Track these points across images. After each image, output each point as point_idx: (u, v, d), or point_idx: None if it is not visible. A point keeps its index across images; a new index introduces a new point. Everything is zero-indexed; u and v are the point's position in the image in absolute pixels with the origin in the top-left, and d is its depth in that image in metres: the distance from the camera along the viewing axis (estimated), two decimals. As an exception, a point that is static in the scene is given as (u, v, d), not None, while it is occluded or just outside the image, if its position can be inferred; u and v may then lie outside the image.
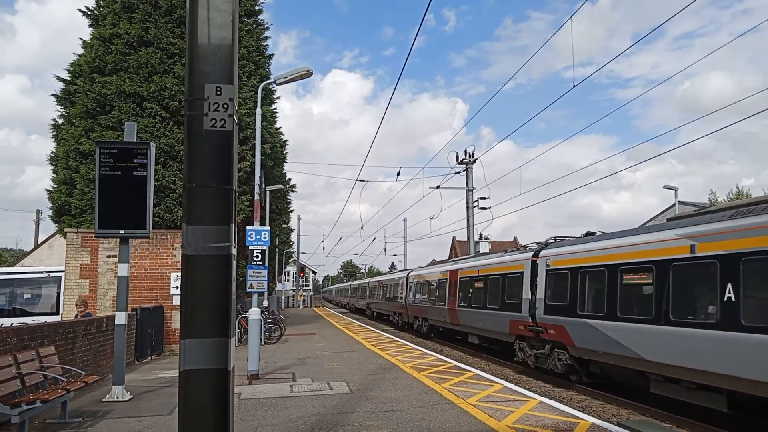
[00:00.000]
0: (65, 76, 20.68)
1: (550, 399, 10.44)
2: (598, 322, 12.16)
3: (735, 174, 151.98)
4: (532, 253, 15.93)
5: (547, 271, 14.72)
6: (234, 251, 3.55)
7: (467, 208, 30.10)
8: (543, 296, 14.64)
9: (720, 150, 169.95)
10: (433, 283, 26.04)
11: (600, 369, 12.93)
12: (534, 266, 15.49)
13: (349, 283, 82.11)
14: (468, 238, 30.72)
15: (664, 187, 33.66)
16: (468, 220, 30.10)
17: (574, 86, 16.30)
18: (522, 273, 16.12)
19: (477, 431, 7.52)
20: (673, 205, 35.18)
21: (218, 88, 3.45)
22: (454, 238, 71.87)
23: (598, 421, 8.21)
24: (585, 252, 13.29)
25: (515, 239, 71.06)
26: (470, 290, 20.76)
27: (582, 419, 8.27)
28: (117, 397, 10.02)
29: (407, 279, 32.11)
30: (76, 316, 13.10)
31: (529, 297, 15.40)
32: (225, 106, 3.45)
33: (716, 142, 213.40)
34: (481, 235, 37.76)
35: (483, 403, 9.26)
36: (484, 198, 30.29)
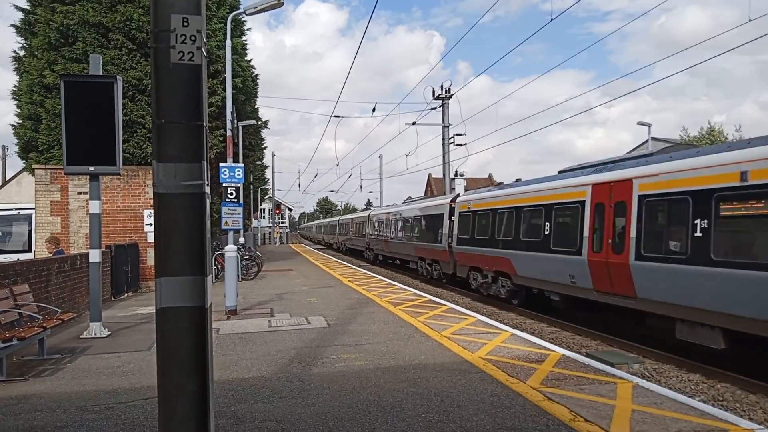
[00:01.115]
0: (24, 5, 19.71)
1: (522, 331, 10.76)
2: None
3: (708, 110, 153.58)
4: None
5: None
6: (207, 189, 3.49)
7: (443, 144, 30.01)
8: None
9: (694, 86, 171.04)
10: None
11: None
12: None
13: (326, 220, 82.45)
14: (444, 174, 30.78)
15: (638, 123, 33.92)
16: (444, 157, 30.07)
17: (552, 19, 16.05)
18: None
19: (451, 362, 7.74)
20: (646, 141, 35.57)
21: (185, 19, 3.30)
22: (429, 175, 72.10)
23: (567, 352, 8.49)
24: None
25: (490, 175, 71.54)
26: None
27: (552, 350, 8.56)
28: (94, 334, 10.07)
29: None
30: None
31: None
32: (192, 38, 3.31)
33: (690, 77, 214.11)
34: (456, 171, 37.82)
35: (457, 336, 9.51)
36: (460, 134, 30.17)
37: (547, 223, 14.20)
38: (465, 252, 19.48)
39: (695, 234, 9.26)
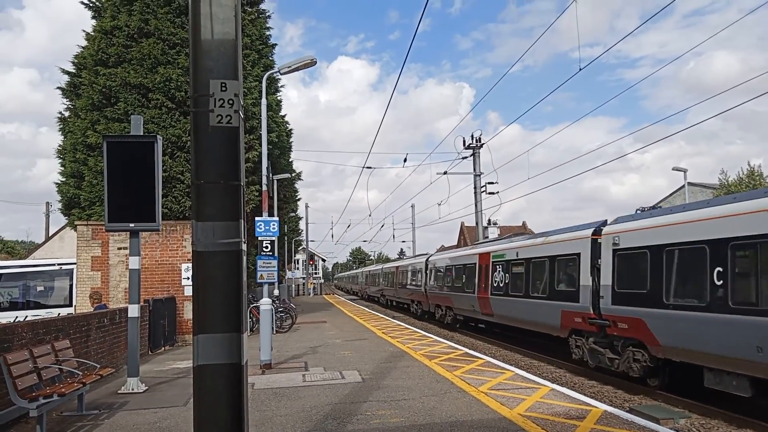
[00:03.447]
0: (70, 68, 20.72)
1: (561, 386, 10.47)
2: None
3: (743, 153, 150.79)
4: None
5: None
6: (244, 246, 3.57)
7: (475, 193, 30.04)
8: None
9: (727, 130, 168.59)
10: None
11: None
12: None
13: (359, 270, 76.51)
14: (476, 223, 30.71)
15: (673, 169, 33.45)
16: (476, 206, 30.06)
17: (580, 69, 16.19)
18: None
19: (489, 419, 7.54)
20: (683, 186, 34.98)
21: (223, 84, 3.44)
22: (462, 224, 71.85)
23: (609, 408, 8.21)
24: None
25: (524, 224, 70.96)
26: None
27: (594, 406, 8.28)
28: (132, 389, 10.13)
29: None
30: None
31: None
32: (230, 101, 3.45)
33: (723, 122, 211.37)
34: (489, 220, 37.66)
35: (495, 391, 9.29)
36: (492, 183, 30.26)
37: None
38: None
39: None
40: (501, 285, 18.70)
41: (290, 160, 31.10)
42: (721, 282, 9.25)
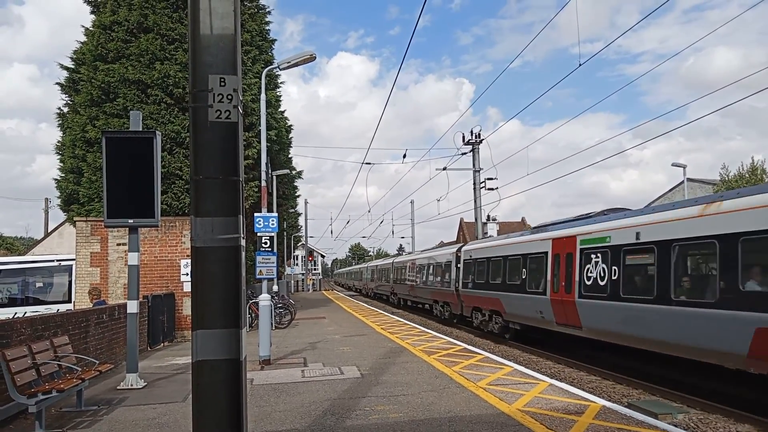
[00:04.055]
0: (69, 64, 20.69)
1: (560, 381, 10.48)
2: None
3: (743, 149, 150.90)
4: None
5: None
6: (243, 242, 3.57)
7: (474, 189, 30.04)
8: None
9: (727, 126, 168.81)
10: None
11: None
12: None
13: (363, 265, 68.04)
14: (476, 219, 30.70)
15: (673, 165, 33.48)
16: (475, 201, 30.05)
17: (580, 65, 16.16)
18: None
19: (488, 415, 7.56)
20: (682, 182, 35.01)
21: (222, 79, 3.44)
22: (461, 220, 71.89)
23: (607, 403, 8.23)
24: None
25: (523, 219, 71.02)
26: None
27: (592, 401, 8.30)
28: (131, 385, 10.13)
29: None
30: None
31: None
32: (229, 97, 3.44)
33: (722, 118, 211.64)
34: (488, 215, 37.67)
35: (493, 386, 9.31)
36: (492, 179, 30.22)
37: None
38: None
39: None
40: (600, 283, 13.15)
41: (290, 156, 31.10)
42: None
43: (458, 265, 23.60)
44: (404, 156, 33.74)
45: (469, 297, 22.11)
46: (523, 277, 17.26)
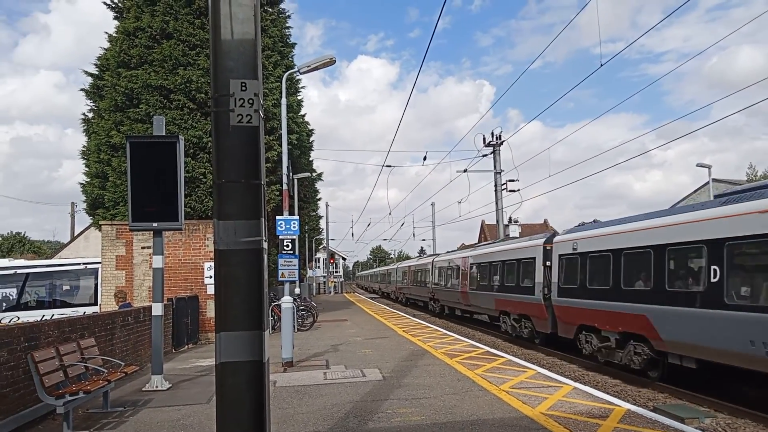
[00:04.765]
0: (93, 70, 21.02)
1: (584, 384, 10.39)
2: None
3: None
4: None
5: None
6: (265, 245, 3.59)
7: (495, 190, 29.92)
8: None
9: (752, 125, 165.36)
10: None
11: None
12: None
13: (393, 266, 58.63)
14: (497, 221, 30.57)
15: (697, 165, 32.94)
16: (497, 203, 29.93)
17: (601, 65, 15.98)
18: None
19: (511, 418, 7.50)
20: (707, 183, 34.45)
21: (243, 84, 3.47)
22: (483, 222, 71.53)
23: (633, 407, 8.12)
24: None
25: (545, 221, 70.48)
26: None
27: (617, 405, 8.19)
28: (156, 387, 10.26)
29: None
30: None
31: None
32: (251, 101, 3.47)
33: (747, 117, 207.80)
34: (510, 217, 37.44)
35: (516, 390, 9.24)
36: (513, 180, 30.13)
37: None
38: None
39: None
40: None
41: (310, 159, 31.22)
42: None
43: (547, 263, 17.19)
44: (425, 158, 33.61)
45: (572, 310, 15.31)
46: (714, 279, 10.28)
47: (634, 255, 12.90)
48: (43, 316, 16.60)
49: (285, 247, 12.92)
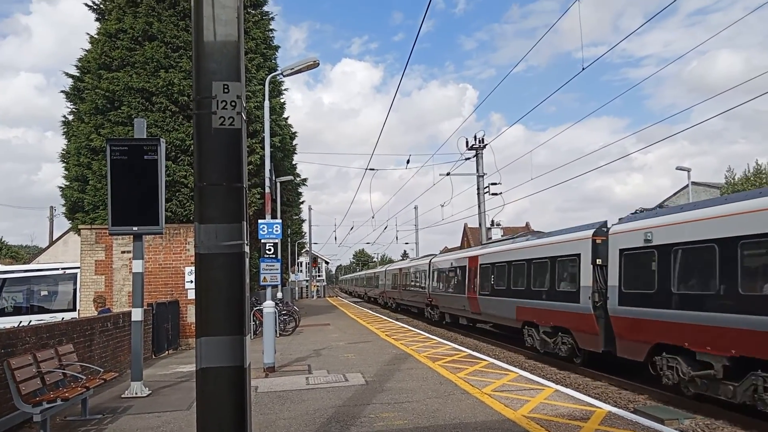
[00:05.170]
0: (74, 72, 20.77)
1: (565, 386, 10.44)
2: None
3: (747, 153, 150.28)
4: None
5: None
6: (246, 248, 3.57)
7: (478, 194, 30.04)
8: None
9: (730, 129, 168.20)
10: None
11: None
12: None
13: (381, 269, 53.41)
14: (480, 224, 30.67)
15: (677, 168, 33.38)
16: (479, 206, 30.05)
17: (583, 69, 16.13)
18: None
19: (493, 421, 7.52)
20: (686, 186, 34.91)
21: (225, 86, 3.45)
22: (465, 225, 71.81)
23: (613, 409, 8.18)
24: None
25: (527, 224, 70.88)
26: None
27: (598, 407, 8.25)
28: (136, 393, 10.12)
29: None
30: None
31: None
32: (233, 103, 3.45)
33: (726, 121, 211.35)
34: (492, 221, 37.64)
35: (498, 393, 9.26)
36: (495, 184, 30.22)
37: None
38: None
39: None
40: None
41: (294, 162, 31.12)
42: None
43: (597, 262, 13.68)
44: (408, 162, 33.74)
45: (645, 323, 11.52)
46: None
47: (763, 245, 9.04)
48: (21, 322, 16.31)
49: (267, 251, 12.85)
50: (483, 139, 30.11)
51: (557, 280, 15.43)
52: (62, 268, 20.41)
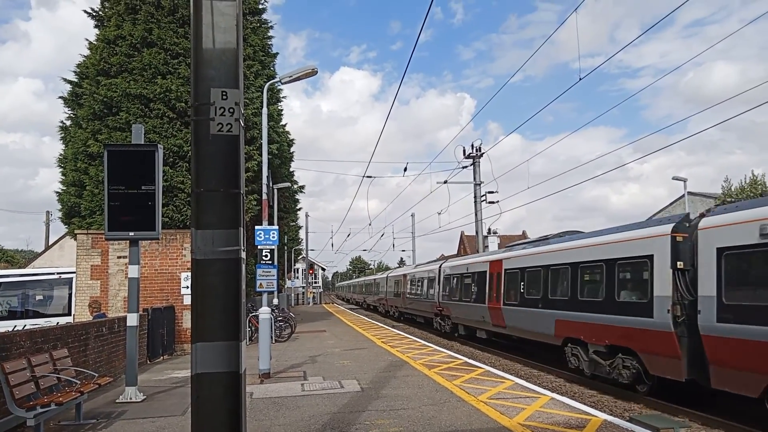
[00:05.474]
0: (73, 78, 20.79)
1: (561, 395, 10.44)
2: None
3: (743, 163, 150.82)
4: None
5: None
6: (243, 254, 3.57)
7: (475, 202, 30.09)
8: None
9: (727, 140, 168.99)
10: None
11: None
12: None
13: (382, 275, 49.86)
14: (477, 232, 30.72)
15: (673, 179, 33.49)
16: (476, 215, 30.09)
17: (580, 79, 16.21)
18: None
19: (488, 429, 7.51)
20: (683, 196, 35.03)
21: (224, 93, 3.46)
22: (462, 233, 71.86)
23: (609, 417, 8.19)
24: None
25: (524, 233, 70.95)
26: None
27: (593, 415, 8.25)
28: (130, 398, 10.09)
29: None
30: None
31: None
32: (231, 110, 3.46)
33: (722, 132, 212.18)
34: (489, 229, 37.64)
35: (494, 400, 9.26)
36: (492, 192, 30.29)
37: None
38: None
39: None
40: None
41: (291, 170, 31.14)
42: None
43: (678, 265, 10.75)
44: (405, 169, 33.67)
45: (763, 347, 8.62)
46: None
47: None
48: (15, 326, 16.27)
49: (264, 258, 12.85)
50: (480, 148, 30.20)
51: (617, 289, 12.53)
52: (58, 273, 20.37)
